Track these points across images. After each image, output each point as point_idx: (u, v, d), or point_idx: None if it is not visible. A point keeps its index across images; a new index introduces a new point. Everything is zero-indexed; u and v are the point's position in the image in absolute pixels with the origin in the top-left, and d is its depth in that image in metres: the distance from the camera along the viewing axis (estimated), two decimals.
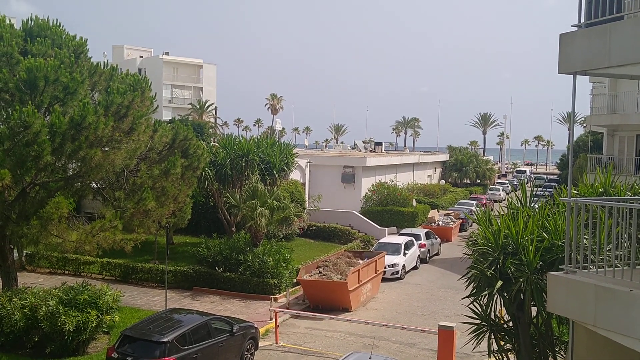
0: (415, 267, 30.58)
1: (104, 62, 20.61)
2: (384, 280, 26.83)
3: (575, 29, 8.31)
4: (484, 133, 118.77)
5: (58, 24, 19.85)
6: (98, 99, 18.51)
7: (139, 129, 17.93)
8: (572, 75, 8.53)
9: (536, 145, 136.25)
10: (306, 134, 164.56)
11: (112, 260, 25.74)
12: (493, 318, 11.71)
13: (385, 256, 26.99)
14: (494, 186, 67.67)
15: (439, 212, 43.36)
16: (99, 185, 19.54)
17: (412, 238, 31.44)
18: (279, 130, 75.74)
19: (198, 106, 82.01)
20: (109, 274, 25.93)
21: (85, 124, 15.95)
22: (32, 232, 16.44)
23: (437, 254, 34.51)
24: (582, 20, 8.26)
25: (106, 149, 17.00)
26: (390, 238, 32.41)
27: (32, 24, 19.42)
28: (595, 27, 7.98)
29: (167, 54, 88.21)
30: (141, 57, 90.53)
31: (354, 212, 39.59)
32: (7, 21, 18.87)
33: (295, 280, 24.13)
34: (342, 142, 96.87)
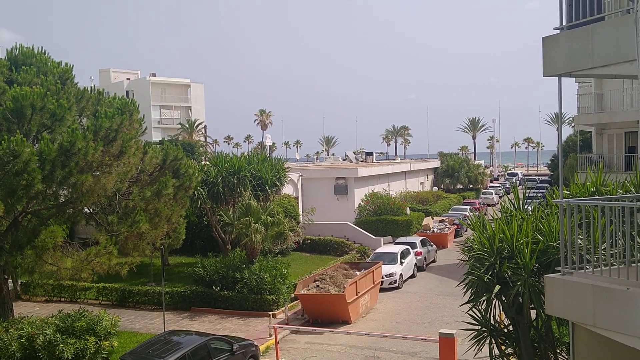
0: (412, 276, 30.53)
1: (91, 87, 20.58)
2: (382, 290, 26.78)
3: (558, 31, 8.38)
4: (474, 138, 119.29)
5: (43, 51, 19.85)
6: (86, 124, 18.47)
7: (129, 151, 17.88)
8: (557, 78, 8.59)
9: (526, 147, 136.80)
10: (297, 147, 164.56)
11: (108, 285, 25.58)
12: (493, 323, 11.68)
13: (382, 266, 26.96)
14: (486, 190, 67.86)
15: (433, 219, 43.40)
16: (91, 210, 19.43)
17: (408, 246, 31.43)
18: (270, 146, 75.81)
19: (187, 125, 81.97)
20: (106, 298, 25.75)
21: (75, 150, 15.90)
22: (26, 262, 16.33)
23: (433, 261, 34.49)
24: (564, 23, 8.33)
25: (97, 174, 16.93)
26: (386, 248, 32.38)
27: (17, 52, 19.40)
28: (577, 29, 8.04)
29: (154, 75, 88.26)
30: (128, 79, 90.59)
31: (349, 223, 39.58)
32: None
33: (293, 295, 24.04)
34: (333, 154, 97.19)
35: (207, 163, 32.54)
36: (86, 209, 19.03)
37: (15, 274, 20.22)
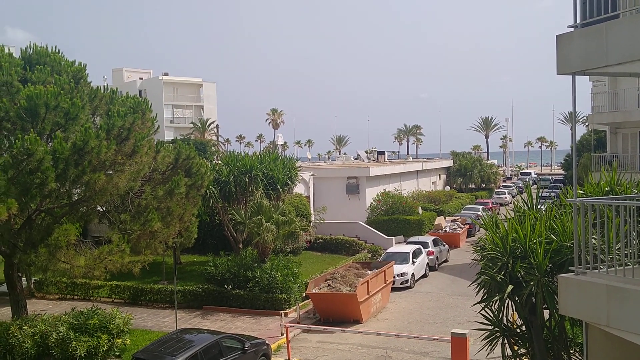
0: (424, 275, 30.44)
1: (104, 86, 20.71)
2: (394, 290, 26.72)
3: (572, 29, 8.31)
4: (487, 137, 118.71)
5: (57, 50, 19.98)
6: (99, 123, 18.58)
7: (141, 150, 17.96)
8: (571, 76, 8.52)
9: (540, 147, 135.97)
10: (308, 146, 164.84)
11: (121, 283, 25.72)
12: (505, 323, 11.61)
13: (394, 265, 26.89)
14: (499, 190, 67.49)
15: (445, 218, 43.24)
16: (104, 208, 19.55)
17: (420, 246, 31.33)
18: (281, 145, 75.86)
19: (199, 125, 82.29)
20: (118, 296, 25.90)
21: (88, 149, 16.00)
22: (40, 260, 16.44)
23: (445, 261, 34.37)
24: (578, 21, 8.26)
25: (110, 173, 17.04)
26: (398, 247, 32.31)
27: (31, 51, 19.54)
28: (592, 27, 7.98)
29: (166, 74, 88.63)
30: (141, 78, 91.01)
31: (360, 222, 39.53)
32: (6, 50, 19.02)
33: (304, 294, 24.06)
34: (344, 153, 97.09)
35: (219, 162, 32.65)
36: (99, 208, 19.16)
37: (29, 271, 20.43)
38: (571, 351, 11.68)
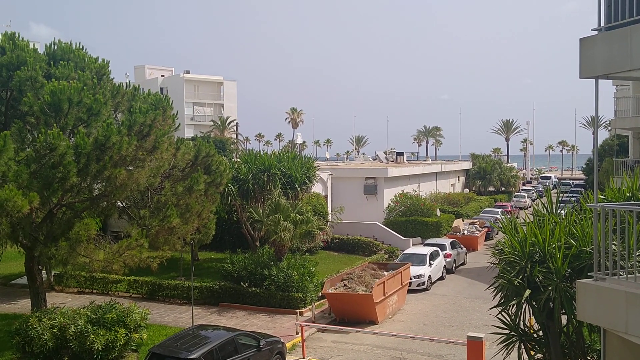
0: (441, 278, 30.30)
1: (126, 83, 20.90)
2: (410, 291, 26.63)
3: (596, 32, 8.24)
4: (507, 140, 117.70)
5: (81, 47, 20.19)
6: (121, 119, 18.76)
7: (162, 147, 18.10)
8: (594, 80, 8.44)
9: (561, 151, 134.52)
10: (327, 146, 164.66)
11: (139, 278, 25.94)
12: (522, 327, 11.54)
13: (411, 267, 26.80)
14: (518, 193, 66.97)
15: (463, 221, 43.00)
16: (124, 204, 19.74)
17: (437, 248, 31.20)
18: (300, 144, 76.02)
19: (219, 123, 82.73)
20: (136, 291, 26.13)
21: (109, 144, 16.16)
22: (60, 253, 16.64)
23: (463, 264, 34.19)
24: (602, 24, 8.18)
25: (130, 168, 17.18)
26: (415, 249, 32.21)
27: (55, 47, 19.77)
28: (616, 30, 7.90)
29: (187, 72, 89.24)
30: (162, 76, 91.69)
31: (377, 223, 39.45)
32: (31, 46, 19.25)
33: (320, 294, 24.07)
34: (363, 154, 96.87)
35: (238, 160, 32.78)
36: (119, 203, 19.34)
37: (49, 264, 20.66)
38: (588, 358, 11.57)
